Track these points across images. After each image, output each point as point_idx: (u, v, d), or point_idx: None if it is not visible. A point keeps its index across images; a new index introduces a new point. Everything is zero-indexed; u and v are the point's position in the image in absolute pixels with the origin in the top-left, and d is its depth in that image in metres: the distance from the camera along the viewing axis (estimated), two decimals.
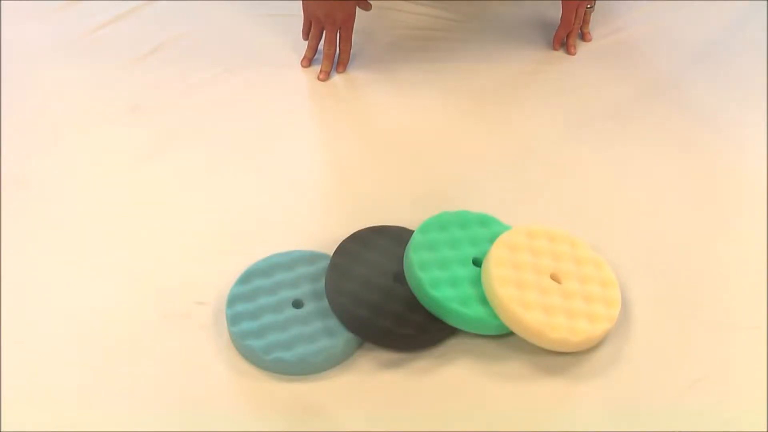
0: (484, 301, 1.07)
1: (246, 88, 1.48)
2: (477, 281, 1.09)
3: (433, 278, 1.08)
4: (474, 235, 1.15)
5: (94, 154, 1.35)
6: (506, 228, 1.16)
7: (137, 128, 1.40)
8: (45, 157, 1.34)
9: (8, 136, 1.37)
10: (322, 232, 1.21)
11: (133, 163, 1.34)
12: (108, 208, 1.27)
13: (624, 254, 1.19)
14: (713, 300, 1.15)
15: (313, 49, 1.51)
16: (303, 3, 1.48)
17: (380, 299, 1.09)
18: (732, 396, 1.04)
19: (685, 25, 1.63)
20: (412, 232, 1.14)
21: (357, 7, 1.48)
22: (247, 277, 1.13)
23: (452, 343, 1.10)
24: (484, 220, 1.17)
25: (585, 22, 1.57)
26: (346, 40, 1.49)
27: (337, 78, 1.51)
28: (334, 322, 1.08)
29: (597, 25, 1.62)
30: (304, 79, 1.51)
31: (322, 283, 1.11)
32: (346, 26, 1.48)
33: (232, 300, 1.10)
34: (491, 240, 1.13)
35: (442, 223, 1.15)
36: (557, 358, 1.07)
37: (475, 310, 1.06)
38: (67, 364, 1.07)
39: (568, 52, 1.49)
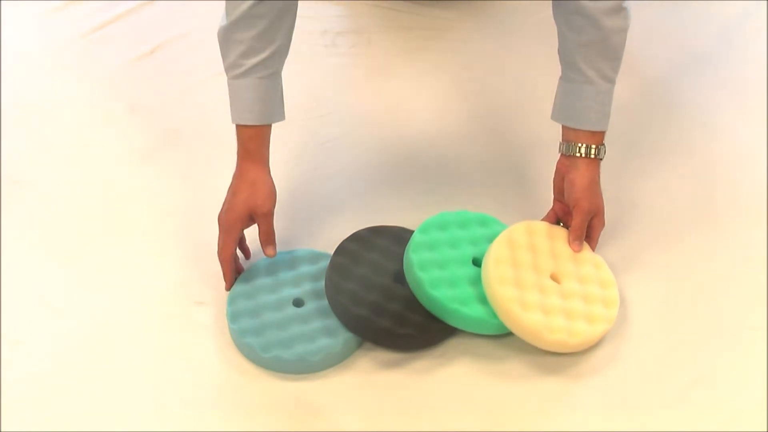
0: (483, 300, 1.07)
1: None
2: (476, 281, 1.09)
3: (433, 278, 1.08)
4: (474, 235, 1.15)
5: (94, 154, 1.35)
6: (506, 228, 1.16)
7: (137, 128, 1.40)
8: (45, 157, 1.34)
9: (8, 136, 1.37)
10: (323, 232, 1.21)
11: (132, 163, 1.34)
12: (108, 207, 1.27)
13: (623, 253, 1.19)
14: (713, 300, 1.15)
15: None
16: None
17: (380, 299, 1.09)
18: (732, 396, 1.04)
19: (685, 25, 1.63)
20: (412, 232, 1.14)
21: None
22: (248, 274, 1.13)
23: (452, 343, 1.10)
24: (484, 220, 1.17)
25: (592, 238, 1.19)
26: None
27: (336, 78, 1.51)
28: (333, 322, 1.08)
29: None
30: (304, 79, 1.50)
31: (322, 282, 1.11)
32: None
33: (233, 297, 1.10)
34: (491, 240, 1.13)
35: (442, 223, 1.15)
36: (556, 357, 1.07)
37: (474, 310, 1.06)
38: (67, 364, 1.07)
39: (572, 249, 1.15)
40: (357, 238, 1.15)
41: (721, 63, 1.55)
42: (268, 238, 1.12)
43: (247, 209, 1.11)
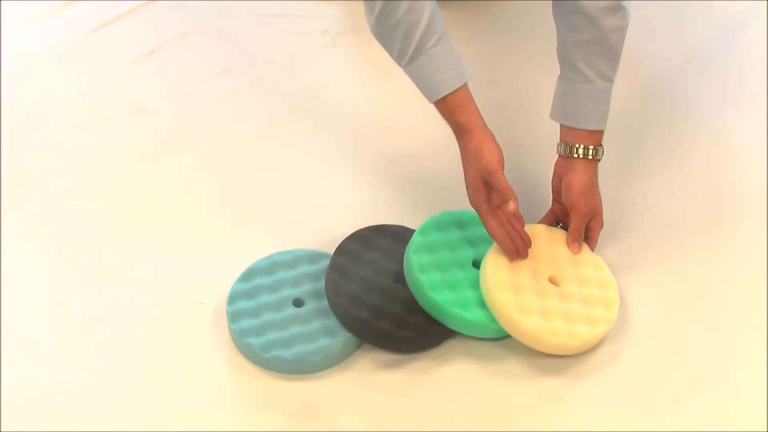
0: (483, 304, 1.07)
1: (246, 88, 1.48)
2: (476, 283, 1.09)
3: (433, 281, 1.07)
4: (474, 235, 1.15)
5: (94, 154, 1.35)
6: None
7: (137, 128, 1.40)
8: (45, 157, 1.34)
9: (8, 136, 1.37)
10: (324, 231, 1.20)
11: (133, 163, 1.34)
12: (108, 208, 1.27)
13: (623, 254, 1.19)
14: (713, 300, 1.15)
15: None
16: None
17: (380, 300, 1.08)
18: (732, 396, 1.04)
19: (685, 25, 1.63)
20: (413, 231, 1.14)
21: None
22: (248, 274, 1.13)
23: (451, 344, 1.09)
24: None
25: (591, 239, 1.19)
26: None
27: (337, 78, 1.51)
28: (333, 322, 1.08)
29: None
30: (304, 79, 1.50)
31: (323, 282, 1.11)
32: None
33: (233, 297, 1.10)
34: (490, 240, 1.12)
35: (441, 223, 1.15)
36: (556, 358, 1.07)
37: (474, 314, 1.06)
38: (67, 363, 1.07)
39: (571, 251, 1.15)
40: (357, 237, 1.15)
41: (721, 63, 1.55)
42: (503, 195, 1.06)
43: (480, 178, 1.08)
